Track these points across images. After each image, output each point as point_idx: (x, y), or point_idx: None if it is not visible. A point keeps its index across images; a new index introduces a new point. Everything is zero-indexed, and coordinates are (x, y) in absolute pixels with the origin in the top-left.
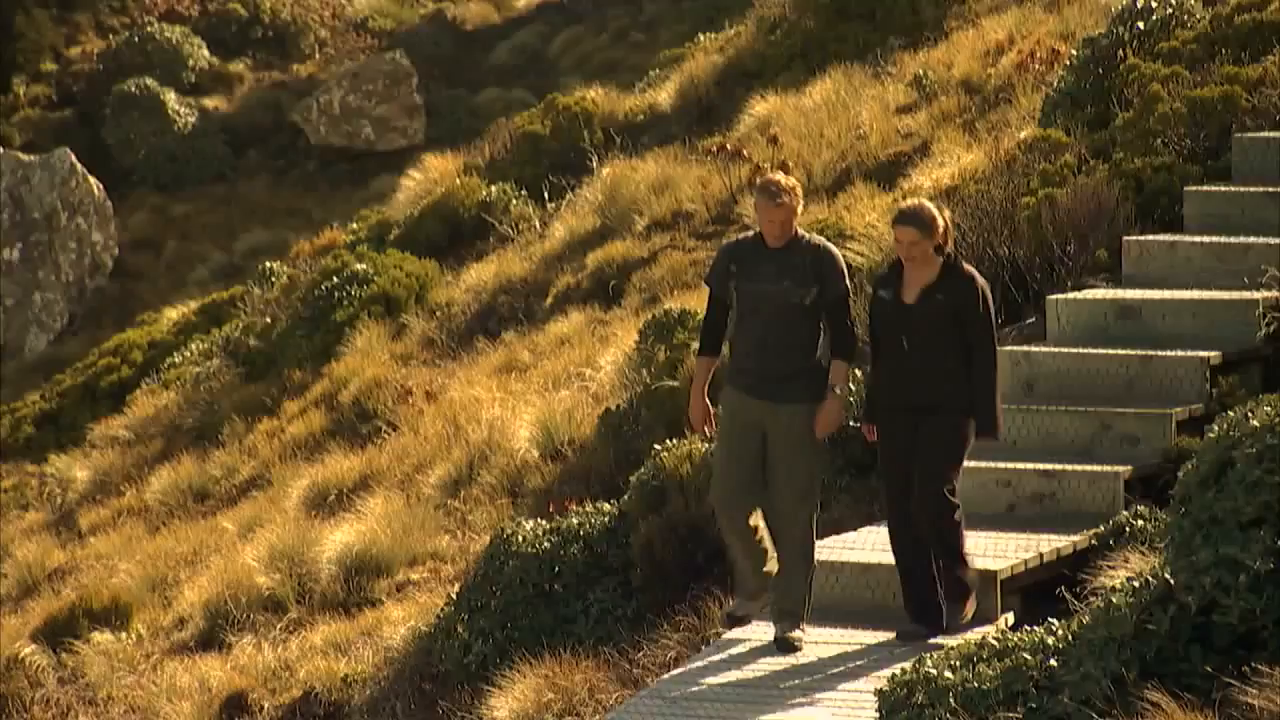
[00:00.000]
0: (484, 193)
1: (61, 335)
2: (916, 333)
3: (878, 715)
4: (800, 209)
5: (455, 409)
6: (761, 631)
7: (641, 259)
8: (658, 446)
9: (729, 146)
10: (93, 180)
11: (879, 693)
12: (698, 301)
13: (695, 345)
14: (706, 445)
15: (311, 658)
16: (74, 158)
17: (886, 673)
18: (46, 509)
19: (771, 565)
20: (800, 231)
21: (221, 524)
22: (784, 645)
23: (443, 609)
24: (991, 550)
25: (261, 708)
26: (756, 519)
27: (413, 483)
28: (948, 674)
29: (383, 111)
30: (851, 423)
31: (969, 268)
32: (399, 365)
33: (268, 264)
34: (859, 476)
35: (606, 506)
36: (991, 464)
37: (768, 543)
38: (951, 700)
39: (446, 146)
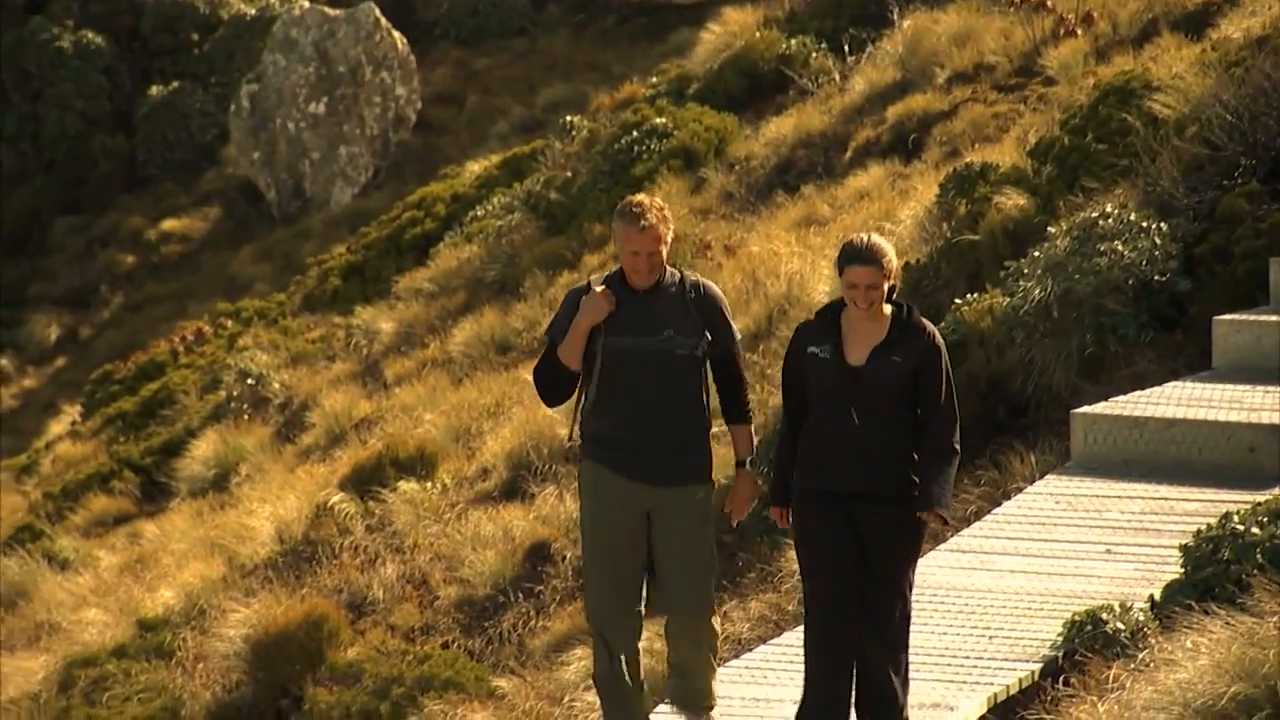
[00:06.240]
0: (783, 46)
1: (366, 189)
2: (868, 402)
3: (1181, 570)
4: (670, 236)
5: (754, 263)
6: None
7: (942, 112)
8: (958, 300)
9: None
10: (396, 34)
11: (1183, 548)
12: (999, 155)
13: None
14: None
15: None
16: (378, 12)
17: (1190, 527)
18: (353, 360)
19: (648, 705)
20: (669, 268)
21: (523, 376)
22: None
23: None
24: None
25: (564, 557)
26: (639, 645)
27: None
28: (1255, 530)
29: None
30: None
31: (926, 321)
32: (698, 219)
33: (568, 118)
34: (1163, 330)
35: None
36: None
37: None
38: (1259, 556)
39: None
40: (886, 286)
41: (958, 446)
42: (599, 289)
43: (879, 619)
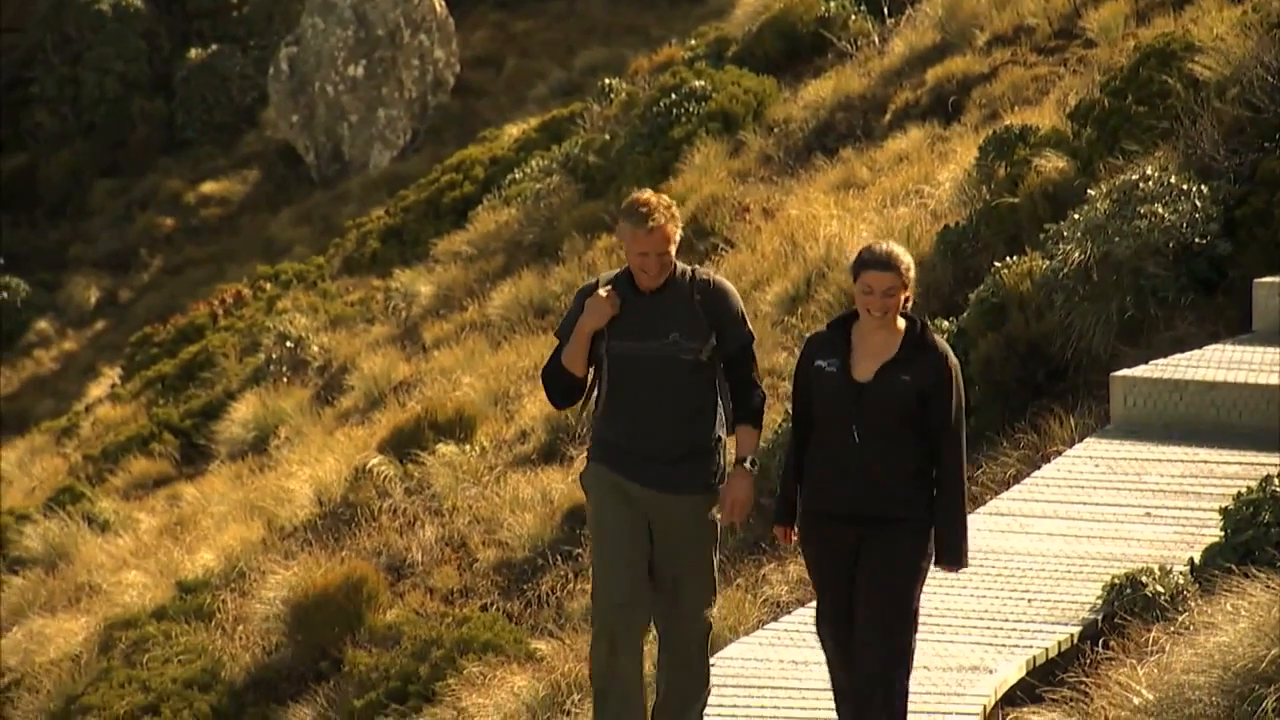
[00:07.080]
0: (823, 8)
1: (404, 152)
2: (871, 421)
3: (1221, 534)
4: (679, 234)
5: (793, 226)
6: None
7: (982, 74)
8: (997, 263)
9: None
10: None
11: (1223, 511)
12: (1039, 117)
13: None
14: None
15: None
16: None
17: (1230, 490)
18: (391, 323)
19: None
20: (680, 265)
21: None
22: None
23: (779, 425)
24: None
25: None
26: (643, 646)
27: (750, 300)
28: None
29: None
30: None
31: (939, 339)
32: (736, 182)
33: (606, 81)
34: (1203, 293)
35: (946, 324)
36: None
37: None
38: None
39: None
40: (902, 296)
41: (965, 478)
42: (603, 291)
43: (873, 640)
